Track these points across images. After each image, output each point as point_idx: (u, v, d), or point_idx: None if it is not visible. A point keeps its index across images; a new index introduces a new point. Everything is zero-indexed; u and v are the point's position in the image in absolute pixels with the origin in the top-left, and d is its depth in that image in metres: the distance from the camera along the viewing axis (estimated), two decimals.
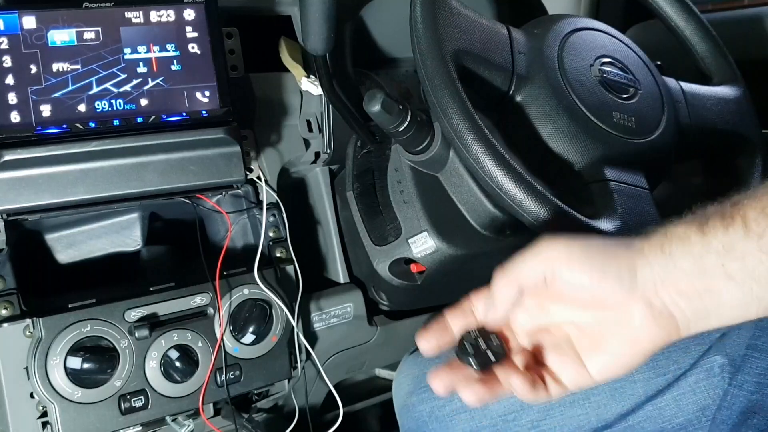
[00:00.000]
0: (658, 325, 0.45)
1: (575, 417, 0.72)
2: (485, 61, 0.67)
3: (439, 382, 0.49)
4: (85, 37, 0.63)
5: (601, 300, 0.46)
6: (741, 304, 0.44)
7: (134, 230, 0.78)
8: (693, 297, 0.44)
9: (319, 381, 0.84)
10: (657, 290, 0.45)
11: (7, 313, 0.64)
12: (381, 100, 0.64)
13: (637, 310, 0.45)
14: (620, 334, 0.46)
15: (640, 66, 0.76)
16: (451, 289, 0.93)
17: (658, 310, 0.45)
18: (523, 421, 0.74)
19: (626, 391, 0.71)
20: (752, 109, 0.85)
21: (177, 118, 0.66)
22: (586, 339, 0.48)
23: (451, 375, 0.49)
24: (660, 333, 0.45)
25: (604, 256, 0.46)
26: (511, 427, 0.75)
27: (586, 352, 0.48)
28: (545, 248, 0.47)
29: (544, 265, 0.46)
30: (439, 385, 0.49)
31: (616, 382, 0.72)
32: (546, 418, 0.74)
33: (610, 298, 0.45)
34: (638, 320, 0.45)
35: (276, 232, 0.78)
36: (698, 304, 0.44)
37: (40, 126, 0.61)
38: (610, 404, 0.71)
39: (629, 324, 0.46)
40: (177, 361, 0.68)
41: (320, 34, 0.66)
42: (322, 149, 0.83)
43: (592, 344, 0.48)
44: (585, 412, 0.72)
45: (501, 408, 0.75)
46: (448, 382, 0.49)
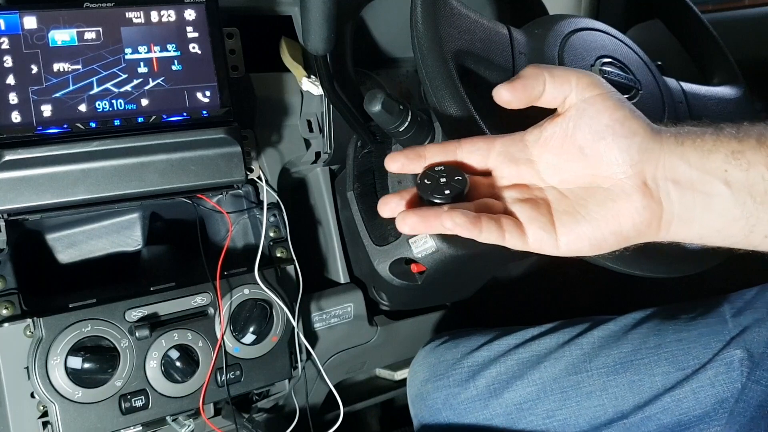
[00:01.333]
0: (645, 206, 0.44)
1: (592, 408, 0.73)
2: (486, 62, 0.67)
3: (385, 206, 0.48)
4: (85, 37, 0.63)
5: (600, 158, 0.45)
6: (729, 217, 0.44)
7: (135, 230, 0.78)
8: (686, 190, 0.44)
9: (320, 381, 0.84)
10: (656, 171, 0.44)
11: (8, 312, 0.64)
12: (381, 100, 0.64)
13: (631, 183, 0.44)
14: (604, 203, 0.45)
15: (640, 66, 0.77)
16: (451, 290, 0.93)
17: (649, 192, 0.44)
18: (539, 410, 0.74)
19: (645, 383, 0.71)
20: (752, 109, 0.85)
21: (178, 118, 0.66)
22: (566, 203, 0.47)
23: (399, 200, 0.48)
24: (643, 217, 0.44)
25: (632, 114, 0.45)
26: (526, 416, 0.75)
27: (563, 216, 0.46)
28: (592, 74, 0.46)
29: (587, 83, 0.45)
30: (384, 208, 0.48)
31: (634, 374, 0.72)
32: (562, 408, 0.74)
33: (612, 160, 0.44)
34: (628, 194, 0.44)
35: (276, 232, 0.78)
36: (689, 199, 0.44)
37: (40, 126, 0.61)
38: (627, 396, 0.72)
39: (617, 195, 0.45)
40: (177, 361, 0.68)
41: (321, 34, 0.66)
42: (323, 149, 0.83)
43: (571, 209, 0.46)
44: (602, 403, 0.72)
45: (517, 396, 0.76)
46: (394, 205, 0.48)
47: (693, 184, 0.44)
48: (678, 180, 0.44)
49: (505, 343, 0.80)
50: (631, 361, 0.73)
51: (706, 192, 0.43)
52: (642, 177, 0.44)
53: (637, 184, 0.44)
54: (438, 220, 0.44)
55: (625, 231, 0.45)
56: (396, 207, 0.47)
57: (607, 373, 0.73)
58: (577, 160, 0.46)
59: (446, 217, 0.44)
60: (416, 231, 0.45)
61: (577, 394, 0.73)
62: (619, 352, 0.74)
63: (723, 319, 0.72)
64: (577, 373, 0.74)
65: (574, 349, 0.76)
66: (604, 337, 0.76)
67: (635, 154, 0.44)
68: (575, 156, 0.46)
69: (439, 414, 0.79)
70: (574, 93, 0.46)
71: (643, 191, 0.44)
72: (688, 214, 0.44)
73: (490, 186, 0.49)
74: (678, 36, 0.90)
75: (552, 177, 0.47)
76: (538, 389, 0.75)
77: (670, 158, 0.44)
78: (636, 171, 0.44)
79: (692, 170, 0.43)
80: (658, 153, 0.44)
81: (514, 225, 0.45)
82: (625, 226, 0.45)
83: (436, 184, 0.46)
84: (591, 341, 0.76)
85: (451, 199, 0.46)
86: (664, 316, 0.77)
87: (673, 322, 0.75)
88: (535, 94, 0.47)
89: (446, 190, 0.46)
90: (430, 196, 0.46)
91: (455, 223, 0.43)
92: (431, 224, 0.44)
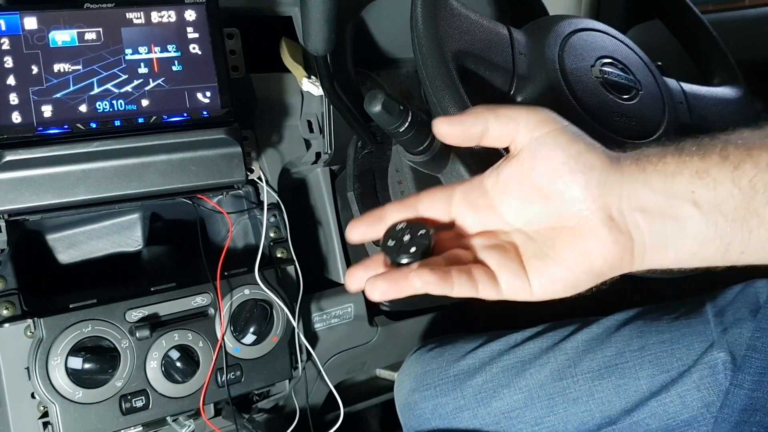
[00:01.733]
0: (614, 241, 0.42)
1: (579, 414, 0.72)
2: (486, 62, 0.67)
3: (351, 279, 0.45)
4: (86, 38, 0.64)
5: (561, 196, 0.43)
6: (703, 239, 0.42)
7: (135, 231, 0.78)
8: (655, 218, 0.42)
9: (320, 381, 0.84)
10: (621, 203, 0.42)
11: (8, 313, 0.64)
12: (382, 100, 0.64)
13: (596, 218, 0.42)
14: (571, 243, 0.43)
15: (640, 67, 0.77)
16: None
17: (616, 225, 0.42)
18: (527, 418, 0.74)
19: (630, 387, 0.71)
20: (753, 109, 0.85)
21: (178, 119, 0.67)
22: (534, 246, 0.45)
23: (366, 270, 0.45)
24: (613, 252, 0.43)
25: (588, 147, 0.43)
26: (515, 423, 0.75)
27: (532, 260, 0.44)
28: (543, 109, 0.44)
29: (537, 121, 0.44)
30: (351, 281, 0.45)
31: (620, 378, 0.72)
32: (550, 414, 0.74)
33: (574, 196, 0.43)
34: (595, 230, 0.42)
35: (277, 232, 0.78)
36: (659, 227, 0.42)
37: (41, 126, 0.61)
38: (614, 401, 0.71)
39: (584, 233, 0.43)
40: (178, 362, 0.68)
41: (321, 35, 0.66)
42: (323, 150, 0.84)
43: (540, 252, 0.44)
44: (589, 409, 0.72)
45: (504, 405, 0.75)
46: (361, 275, 0.45)
47: (661, 210, 0.42)
48: (645, 208, 0.42)
49: (489, 349, 0.80)
50: (615, 364, 0.73)
51: (675, 216, 0.42)
52: (606, 211, 0.42)
53: (602, 219, 0.42)
54: (407, 282, 0.42)
55: (597, 268, 0.43)
56: (363, 277, 0.45)
57: (592, 378, 0.73)
58: (539, 201, 0.44)
59: (414, 277, 0.42)
60: (388, 297, 0.43)
61: (564, 401, 0.73)
62: (604, 355, 0.74)
63: (705, 319, 0.72)
64: (562, 378, 0.74)
65: (559, 354, 0.76)
66: (588, 340, 0.76)
67: (595, 189, 0.42)
68: (535, 197, 0.44)
69: (428, 423, 0.79)
70: (523, 132, 0.44)
71: (610, 225, 0.42)
72: (659, 241, 0.43)
73: (456, 237, 0.47)
74: (678, 36, 0.90)
75: (516, 220, 0.46)
76: (525, 397, 0.75)
77: (633, 186, 0.42)
78: (599, 205, 0.42)
79: (658, 196, 0.42)
80: (619, 184, 0.42)
81: (486, 275, 0.44)
82: (596, 264, 0.43)
83: (401, 243, 0.44)
84: (575, 345, 0.76)
85: (419, 257, 0.44)
86: (646, 317, 0.76)
87: (656, 323, 0.75)
88: (473, 133, 0.45)
89: (411, 248, 0.44)
90: (396, 258, 0.44)
91: (424, 281, 0.41)
92: (401, 287, 0.42)
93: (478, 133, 0.45)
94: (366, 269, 0.45)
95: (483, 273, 0.44)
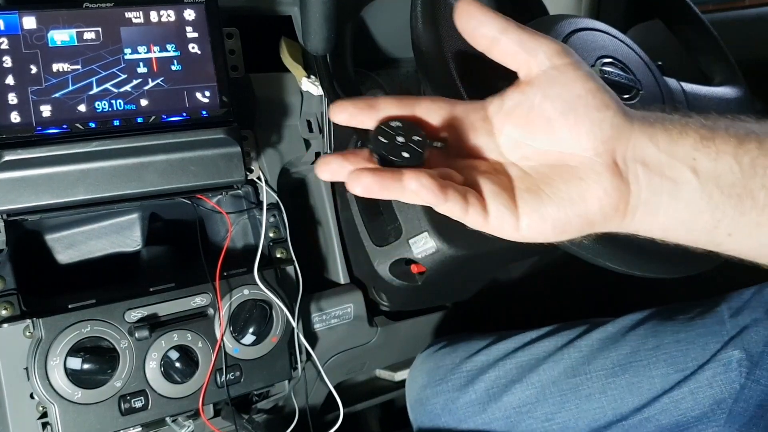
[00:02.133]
0: (614, 187, 0.41)
1: (591, 410, 0.73)
2: (486, 61, 0.67)
3: (324, 167, 0.42)
4: (85, 37, 0.63)
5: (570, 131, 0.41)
6: (695, 209, 0.41)
7: (134, 231, 0.78)
8: (654, 174, 0.41)
9: (320, 382, 0.84)
10: (626, 152, 0.41)
11: (7, 313, 0.64)
12: None
13: (601, 160, 0.41)
14: (570, 182, 0.41)
15: (641, 66, 0.76)
16: (451, 290, 0.93)
17: (618, 172, 0.41)
18: (538, 413, 0.74)
19: (643, 385, 0.71)
20: (753, 109, 0.85)
21: (177, 119, 0.66)
22: (529, 181, 0.42)
23: (344, 162, 0.41)
24: (612, 198, 0.41)
25: (604, 87, 0.42)
26: (525, 419, 0.75)
27: (525, 194, 0.42)
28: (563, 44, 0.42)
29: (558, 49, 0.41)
30: (323, 170, 0.42)
31: (633, 376, 0.72)
32: (561, 410, 0.74)
33: (583, 134, 0.41)
34: (597, 171, 0.41)
35: (276, 232, 0.78)
36: (657, 185, 0.41)
37: (40, 126, 0.61)
38: (626, 398, 0.72)
39: (585, 173, 0.41)
40: (177, 362, 0.68)
41: (321, 35, 0.66)
42: (323, 149, 0.83)
43: (535, 187, 0.42)
44: (601, 406, 0.72)
45: (515, 400, 0.75)
46: (336, 167, 0.41)
47: (661, 169, 0.41)
48: (647, 163, 0.41)
49: (503, 347, 0.80)
50: (629, 363, 0.73)
51: (673, 179, 0.41)
52: (612, 155, 0.41)
53: (607, 163, 0.41)
54: (398, 183, 0.38)
55: (591, 213, 0.42)
56: (338, 169, 0.41)
57: (606, 375, 0.73)
58: (543, 134, 0.42)
59: (411, 178, 0.38)
60: (371, 194, 0.39)
61: (576, 397, 0.73)
62: (618, 354, 0.74)
63: (721, 320, 0.72)
64: (575, 375, 0.74)
65: (573, 352, 0.76)
66: (603, 339, 0.76)
67: (607, 129, 0.41)
68: (541, 129, 0.42)
69: (438, 419, 0.79)
70: (541, 58, 0.41)
71: (613, 170, 0.41)
72: (654, 199, 0.42)
73: (446, 155, 0.44)
74: (678, 36, 0.90)
75: (512, 153, 0.43)
76: (537, 392, 0.75)
77: (641, 139, 0.41)
78: (607, 148, 0.41)
79: (661, 154, 0.41)
80: (629, 131, 0.41)
81: (477, 200, 0.41)
82: (591, 208, 0.41)
83: (393, 143, 0.40)
84: (589, 343, 0.76)
85: (414, 162, 0.40)
86: (661, 317, 0.77)
87: (671, 323, 0.75)
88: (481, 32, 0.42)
89: (404, 152, 0.40)
90: (386, 156, 0.40)
91: (421, 184, 0.38)
92: (389, 187, 0.39)
93: (490, 35, 0.42)
94: (344, 160, 0.41)
95: (475, 198, 0.41)
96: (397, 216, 0.76)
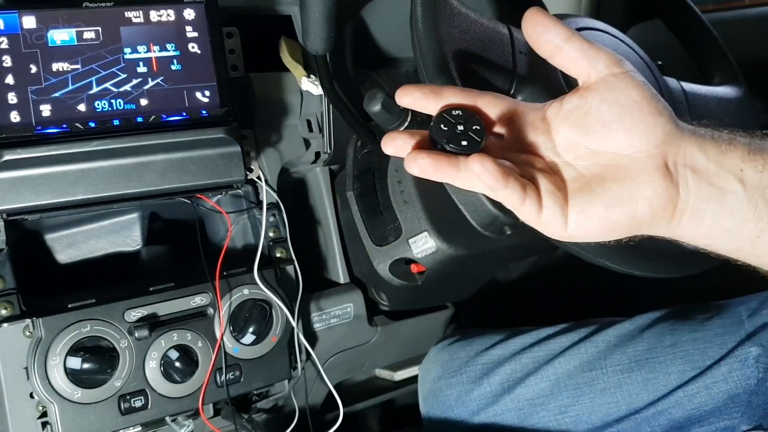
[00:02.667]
0: (665, 188, 0.43)
1: (605, 404, 0.73)
2: (486, 61, 0.67)
3: (390, 143, 0.44)
4: (85, 37, 0.63)
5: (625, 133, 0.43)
6: (740, 217, 0.43)
7: (134, 230, 0.78)
8: (703, 181, 0.43)
9: (319, 381, 0.84)
10: (677, 157, 0.43)
11: (7, 313, 0.64)
12: (381, 99, 0.64)
13: (653, 163, 0.43)
14: (623, 181, 0.43)
15: (641, 66, 0.77)
16: (451, 290, 0.93)
17: (668, 177, 0.43)
18: (551, 406, 0.75)
19: (659, 382, 0.72)
20: (753, 108, 0.85)
21: (177, 118, 0.66)
22: (581, 180, 0.44)
23: (409, 139, 0.44)
24: (661, 199, 0.43)
25: (658, 96, 0.44)
26: (538, 411, 0.75)
27: (577, 193, 0.44)
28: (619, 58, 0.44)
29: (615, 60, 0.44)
30: (389, 144, 0.44)
31: (649, 372, 0.72)
32: (575, 404, 0.74)
33: (637, 137, 0.43)
34: (649, 173, 0.43)
35: (276, 232, 0.78)
36: (704, 191, 0.43)
37: (40, 126, 0.61)
38: (641, 393, 0.72)
39: (637, 174, 0.43)
40: (177, 362, 0.68)
41: (320, 34, 0.66)
42: (323, 149, 0.83)
43: (587, 186, 0.44)
44: (616, 400, 0.73)
45: (529, 392, 0.76)
46: (401, 143, 0.44)
47: (710, 177, 0.43)
48: (696, 169, 0.43)
49: (519, 341, 0.80)
50: (646, 359, 0.73)
51: (720, 187, 0.43)
52: (664, 158, 0.43)
53: (658, 165, 0.43)
54: (453, 167, 0.41)
55: (640, 213, 0.43)
56: (403, 145, 0.44)
57: (621, 370, 0.74)
58: (599, 136, 0.44)
59: (475, 160, 0.40)
60: (426, 174, 0.41)
61: (591, 391, 0.74)
62: (635, 350, 0.74)
63: (739, 320, 0.73)
64: (591, 370, 0.75)
65: (590, 347, 0.76)
66: (620, 335, 0.77)
67: (660, 135, 0.43)
68: (597, 131, 0.44)
69: (451, 410, 0.79)
70: (600, 66, 0.44)
71: (664, 172, 0.43)
72: (701, 205, 0.43)
73: (504, 148, 0.45)
74: (678, 36, 0.90)
75: (568, 153, 0.45)
76: (552, 385, 0.75)
77: (691, 146, 0.43)
78: (659, 151, 0.43)
79: (709, 163, 0.43)
80: (680, 138, 0.43)
81: (535, 194, 0.42)
82: (641, 208, 0.43)
83: (453, 131, 0.42)
84: (606, 339, 0.76)
85: (467, 151, 0.42)
86: (679, 316, 0.77)
87: (689, 322, 0.76)
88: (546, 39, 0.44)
89: (463, 141, 0.42)
90: (445, 144, 0.42)
91: (484, 167, 0.39)
92: (443, 170, 0.41)
93: (554, 43, 0.44)
94: (409, 138, 0.44)
95: (533, 191, 0.42)
96: (396, 215, 0.77)
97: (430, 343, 0.95)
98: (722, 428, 0.69)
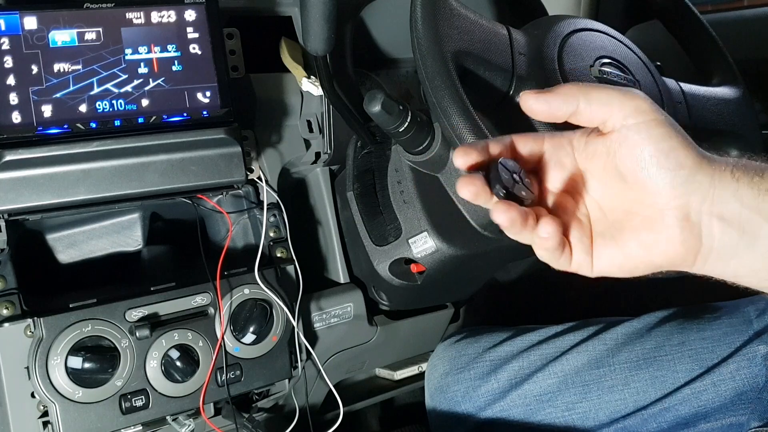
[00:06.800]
0: (683, 242, 0.42)
1: (613, 401, 0.73)
2: (485, 62, 0.67)
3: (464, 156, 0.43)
4: (86, 38, 0.64)
5: (643, 186, 0.42)
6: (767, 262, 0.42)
7: (135, 230, 0.78)
8: (731, 227, 0.41)
9: (320, 381, 0.84)
10: (702, 205, 0.42)
11: (8, 312, 0.64)
12: (381, 100, 0.64)
13: (672, 216, 0.42)
14: (640, 232, 0.43)
15: (639, 67, 0.77)
16: (451, 290, 0.93)
17: (690, 226, 0.42)
18: (559, 402, 0.75)
19: (667, 380, 0.72)
20: (752, 109, 0.85)
21: (178, 119, 0.67)
22: (605, 223, 0.45)
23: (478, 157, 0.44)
24: (678, 252, 0.42)
25: (682, 144, 0.42)
26: (545, 407, 0.75)
27: (599, 239, 0.44)
28: (640, 96, 0.43)
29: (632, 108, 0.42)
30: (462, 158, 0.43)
31: (657, 370, 0.73)
32: (583, 400, 0.74)
33: (655, 190, 0.42)
34: (667, 226, 0.42)
35: (276, 232, 0.78)
36: (731, 237, 0.42)
37: (41, 126, 0.61)
38: (649, 390, 0.72)
39: (655, 224, 0.42)
40: (178, 361, 0.68)
41: (321, 35, 0.66)
42: (323, 149, 0.84)
43: (607, 233, 0.44)
44: (623, 398, 0.73)
45: (537, 388, 0.76)
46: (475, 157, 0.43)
47: (741, 224, 0.41)
48: (725, 217, 0.41)
49: (527, 339, 0.80)
50: (654, 357, 0.74)
51: (753, 233, 0.41)
52: (685, 210, 0.42)
53: (678, 217, 0.42)
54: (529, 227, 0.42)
55: (657, 262, 0.43)
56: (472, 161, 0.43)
57: (629, 368, 0.74)
58: (618, 183, 0.44)
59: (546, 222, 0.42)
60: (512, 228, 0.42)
61: (598, 388, 0.74)
62: (643, 348, 0.75)
63: (748, 319, 0.73)
64: (599, 367, 0.75)
65: (598, 344, 0.76)
66: (628, 333, 0.77)
67: (679, 187, 0.41)
68: (616, 180, 0.44)
69: (458, 406, 0.79)
70: (616, 117, 0.42)
71: (683, 226, 0.42)
72: (727, 251, 0.42)
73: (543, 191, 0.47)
74: (677, 36, 0.90)
75: (595, 191, 0.45)
76: (559, 381, 0.75)
77: (722, 194, 0.41)
78: (679, 203, 0.41)
79: (743, 209, 0.41)
80: (707, 186, 0.41)
81: (569, 247, 0.45)
82: (656, 259, 0.43)
83: (512, 180, 0.43)
84: (614, 337, 0.77)
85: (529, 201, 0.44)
86: (687, 315, 0.78)
87: (697, 321, 0.76)
88: (561, 113, 0.44)
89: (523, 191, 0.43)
90: (511, 192, 0.42)
91: (547, 224, 0.42)
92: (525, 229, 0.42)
93: (566, 113, 0.44)
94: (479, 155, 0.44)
95: (567, 248, 0.44)
96: (396, 215, 0.77)
97: (430, 343, 0.95)
98: (729, 425, 0.69)
